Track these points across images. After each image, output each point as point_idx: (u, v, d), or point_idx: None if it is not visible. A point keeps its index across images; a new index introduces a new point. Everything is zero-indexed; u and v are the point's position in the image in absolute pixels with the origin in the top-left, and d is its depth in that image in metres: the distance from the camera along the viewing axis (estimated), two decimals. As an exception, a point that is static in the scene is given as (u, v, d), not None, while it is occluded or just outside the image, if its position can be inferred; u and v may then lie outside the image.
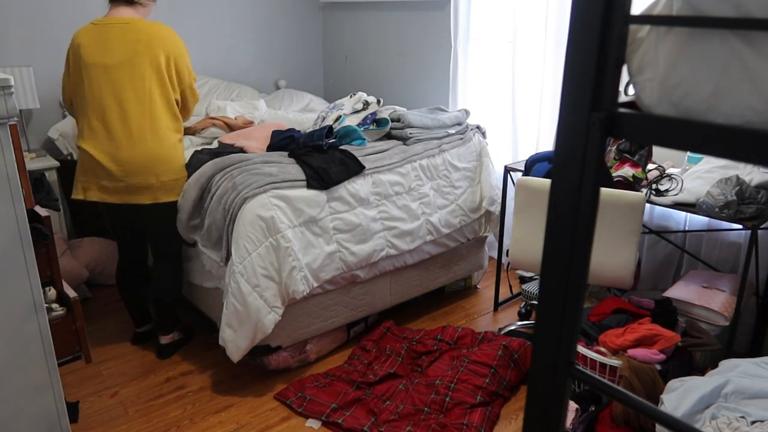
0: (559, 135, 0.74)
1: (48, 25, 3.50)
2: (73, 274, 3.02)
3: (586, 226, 0.74)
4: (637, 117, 0.70)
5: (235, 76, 4.34)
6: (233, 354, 2.33)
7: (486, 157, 3.04)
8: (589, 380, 0.80)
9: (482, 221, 3.08)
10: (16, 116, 1.47)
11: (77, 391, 2.45)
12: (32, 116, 3.57)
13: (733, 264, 2.70)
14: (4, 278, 1.52)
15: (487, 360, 2.43)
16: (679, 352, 2.17)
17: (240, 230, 2.26)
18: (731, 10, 0.62)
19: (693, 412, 1.73)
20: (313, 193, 2.40)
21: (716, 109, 0.66)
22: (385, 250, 2.63)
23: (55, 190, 2.96)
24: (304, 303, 2.49)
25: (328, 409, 2.27)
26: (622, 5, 0.67)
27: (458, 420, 2.19)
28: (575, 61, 0.70)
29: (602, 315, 2.34)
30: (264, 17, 4.42)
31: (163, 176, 2.36)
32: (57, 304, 1.79)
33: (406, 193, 2.70)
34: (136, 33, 2.27)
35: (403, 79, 4.14)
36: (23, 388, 1.61)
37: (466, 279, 3.29)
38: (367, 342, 2.68)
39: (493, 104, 3.52)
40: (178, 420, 2.28)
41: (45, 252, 1.70)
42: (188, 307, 2.94)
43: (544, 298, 0.81)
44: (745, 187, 2.23)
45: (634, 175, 2.51)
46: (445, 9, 3.67)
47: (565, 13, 2.99)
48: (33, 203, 1.69)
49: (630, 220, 2.23)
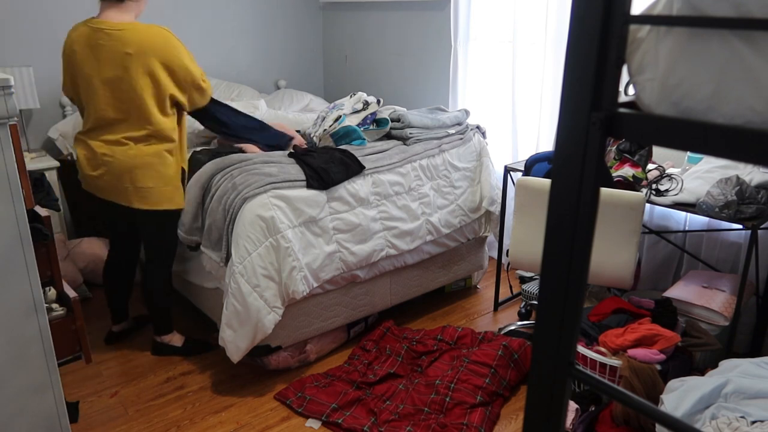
0: (559, 135, 0.74)
1: (48, 25, 3.50)
2: (67, 279, 3.02)
3: (586, 226, 0.74)
4: (637, 117, 0.70)
5: (235, 76, 4.34)
6: (233, 354, 2.33)
7: (486, 157, 3.04)
8: (589, 380, 0.80)
9: (482, 221, 3.08)
10: (16, 116, 1.47)
11: (77, 391, 2.45)
12: (32, 116, 3.57)
13: (733, 264, 2.70)
14: (4, 278, 1.52)
15: (487, 360, 2.43)
16: (679, 352, 2.17)
17: (240, 230, 2.26)
18: (731, 10, 0.62)
19: (693, 412, 1.73)
20: (313, 193, 2.40)
21: (716, 109, 0.66)
22: (385, 250, 2.63)
23: (55, 190, 2.96)
24: (304, 303, 2.49)
25: (328, 409, 2.27)
26: (622, 5, 0.67)
27: (458, 420, 2.19)
28: (575, 61, 0.70)
29: (602, 315, 2.34)
30: (264, 17, 4.42)
31: (138, 182, 2.32)
32: (57, 304, 1.78)
33: (406, 193, 2.70)
34: (126, 45, 2.19)
35: (403, 79, 4.14)
36: (23, 388, 1.61)
37: (466, 279, 3.29)
38: (367, 342, 2.68)
39: (493, 104, 3.52)
40: (178, 420, 2.28)
41: (45, 252, 1.69)
42: (188, 307, 2.94)
43: (544, 298, 0.81)
44: (745, 187, 2.23)
45: (634, 175, 2.51)
46: (445, 9, 3.67)
47: (565, 13, 2.99)
48: (33, 203, 1.69)
49: (630, 220, 2.23)
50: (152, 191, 2.35)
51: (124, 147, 2.29)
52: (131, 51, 2.19)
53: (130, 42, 2.20)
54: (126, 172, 2.30)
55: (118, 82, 2.23)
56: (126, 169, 2.30)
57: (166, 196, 2.39)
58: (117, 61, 2.20)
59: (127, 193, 2.34)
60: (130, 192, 2.34)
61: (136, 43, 2.20)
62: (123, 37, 2.20)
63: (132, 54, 2.19)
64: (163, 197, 2.38)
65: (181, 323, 2.90)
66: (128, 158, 2.29)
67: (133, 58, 2.19)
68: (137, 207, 2.36)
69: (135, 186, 2.33)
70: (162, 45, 2.23)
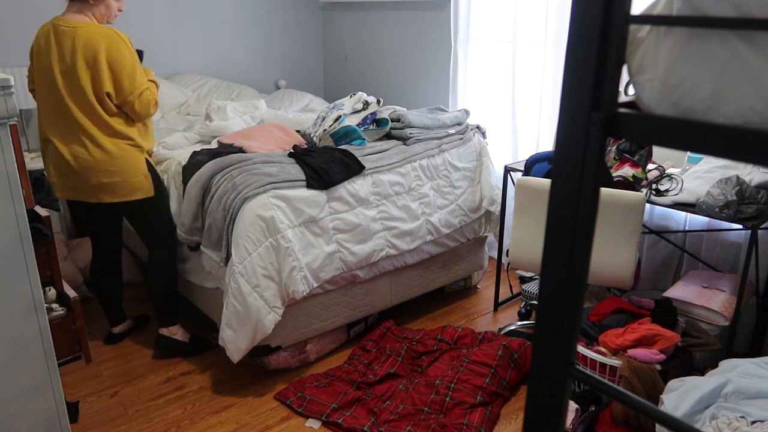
0: (559, 135, 0.74)
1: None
2: (67, 279, 3.02)
3: (586, 226, 0.74)
4: (637, 117, 0.70)
5: (235, 76, 4.34)
6: (233, 354, 2.33)
7: (486, 157, 3.04)
8: (589, 380, 0.80)
9: (482, 221, 3.08)
10: (16, 116, 1.47)
11: (77, 391, 2.45)
12: (32, 116, 3.57)
13: (733, 264, 2.70)
14: (4, 278, 1.52)
15: (487, 360, 2.43)
16: (679, 352, 2.17)
17: (240, 230, 2.26)
18: (731, 10, 0.62)
19: (693, 412, 1.73)
20: (313, 193, 2.40)
21: (716, 109, 0.66)
22: (385, 250, 2.63)
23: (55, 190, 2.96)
24: (304, 303, 2.49)
25: (328, 409, 2.27)
26: (622, 5, 0.67)
27: (458, 420, 2.19)
28: (575, 61, 0.70)
29: (602, 315, 2.34)
30: (264, 17, 4.42)
31: (104, 178, 2.36)
32: (57, 304, 1.78)
33: (406, 193, 2.70)
34: (75, 40, 2.25)
35: (403, 79, 4.14)
36: (23, 388, 1.61)
37: (466, 279, 3.29)
38: (367, 342, 2.68)
39: (493, 104, 3.52)
40: (178, 420, 2.28)
41: (45, 252, 1.69)
42: (188, 307, 2.94)
43: (544, 298, 0.81)
44: (745, 187, 2.23)
45: (634, 175, 2.51)
46: (445, 9, 3.67)
47: (565, 13, 2.99)
48: (33, 203, 1.69)
49: (630, 220, 2.23)
50: (118, 184, 2.39)
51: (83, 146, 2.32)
52: (78, 45, 2.25)
53: (78, 37, 2.26)
54: (89, 167, 2.34)
55: (69, 76, 2.27)
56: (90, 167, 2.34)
57: (136, 186, 2.42)
58: (68, 54, 2.26)
59: (93, 190, 2.38)
60: (97, 188, 2.38)
61: (83, 39, 2.25)
62: (73, 33, 2.26)
63: (78, 48, 2.25)
64: (133, 188, 2.42)
65: (181, 323, 2.89)
66: (89, 157, 2.33)
67: (79, 52, 2.25)
68: (107, 201, 2.40)
69: (101, 182, 2.37)
70: (106, 42, 2.26)
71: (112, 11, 2.40)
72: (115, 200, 2.41)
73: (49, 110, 2.35)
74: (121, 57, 2.29)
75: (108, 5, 2.37)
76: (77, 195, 2.42)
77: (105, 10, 2.37)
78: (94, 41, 2.25)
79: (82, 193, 2.40)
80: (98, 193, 2.39)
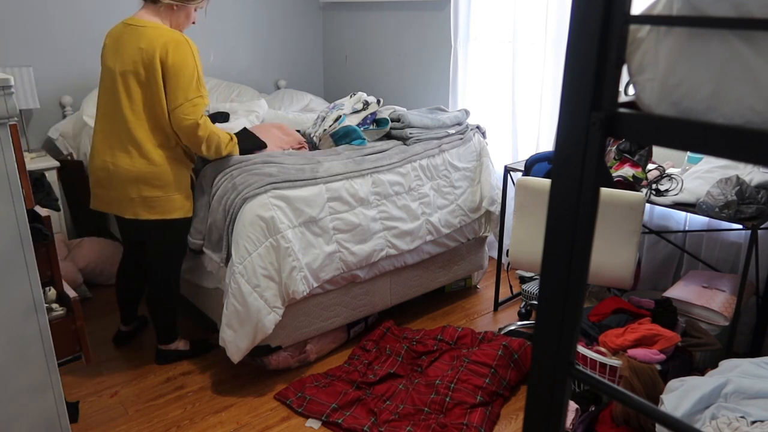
0: (559, 135, 0.74)
1: (48, 25, 3.50)
2: (67, 279, 3.02)
3: (586, 226, 0.74)
4: (637, 117, 0.70)
5: (235, 76, 4.34)
6: (233, 354, 2.33)
7: (486, 157, 3.04)
8: (589, 380, 0.80)
9: (482, 221, 3.08)
10: (16, 116, 1.47)
11: (77, 391, 2.45)
12: (32, 116, 3.57)
13: (733, 264, 2.70)
14: (4, 278, 1.52)
15: (487, 360, 2.43)
16: (679, 352, 2.17)
17: (240, 230, 2.26)
18: (731, 10, 0.62)
19: (693, 412, 1.73)
20: (313, 193, 2.40)
21: (716, 109, 0.66)
22: (385, 250, 2.63)
23: (55, 190, 2.96)
24: (304, 303, 2.49)
25: (328, 409, 2.27)
26: (622, 5, 0.67)
27: (458, 420, 2.19)
28: (575, 61, 0.70)
29: (602, 315, 2.34)
30: (264, 17, 4.42)
31: (145, 192, 2.27)
32: (57, 304, 1.78)
33: (406, 193, 2.70)
34: (140, 40, 2.17)
35: (403, 79, 4.14)
36: (23, 388, 1.61)
37: (466, 279, 3.29)
38: (367, 342, 2.68)
39: (493, 104, 3.52)
40: (178, 420, 2.28)
41: (45, 252, 1.69)
42: (188, 307, 2.94)
43: (544, 298, 0.81)
44: (745, 187, 2.23)
45: (634, 175, 2.51)
46: (445, 9, 3.67)
47: (565, 13, 2.99)
48: (33, 203, 1.69)
49: (630, 220, 2.23)
50: (160, 201, 2.29)
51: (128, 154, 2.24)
52: (142, 46, 2.17)
53: (143, 37, 2.18)
54: (133, 179, 2.25)
55: (128, 77, 2.20)
56: (130, 178, 2.25)
57: (176, 204, 2.33)
58: (131, 54, 2.19)
59: (132, 204, 2.28)
60: (136, 203, 2.28)
61: (148, 39, 2.17)
62: (141, 32, 2.19)
63: (142, 49, 2.17)
64: (173, 206, 2.32)
65: (181, 323, 2.89)
66: (132, 167, 2.24)
67: (141, 53, 2.18)
68: (144, 218, 2.29)
69: (141, 195, 2.27)
70: (173, 46, 2.17)
71: (190, 20, 2.34)
72: (153, 217, 2.29)
73: (102, 115, 2.28)
74: (184, 63, 2.18)
75: (188, 14, 2.31)
76: (115, 209, 2.32)
77: (184, 19, 2.31)
78: (161, 43, 2.15)
79: (120, 207, 2.31)
80: (136, 207, 2.28)
